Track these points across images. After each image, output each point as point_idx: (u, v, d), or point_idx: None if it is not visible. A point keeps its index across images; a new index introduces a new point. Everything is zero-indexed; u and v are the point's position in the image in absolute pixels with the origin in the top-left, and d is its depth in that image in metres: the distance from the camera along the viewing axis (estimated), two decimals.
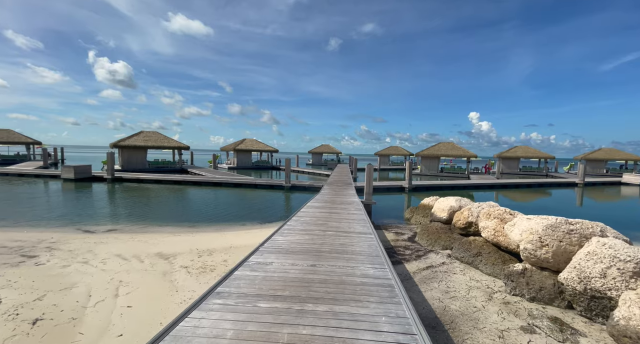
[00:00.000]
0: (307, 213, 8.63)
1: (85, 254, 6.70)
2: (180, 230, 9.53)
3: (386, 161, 48.85)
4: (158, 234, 8.87)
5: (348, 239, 5.88)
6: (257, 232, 9.16)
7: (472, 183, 23.33)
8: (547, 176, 37.17)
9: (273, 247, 5.09)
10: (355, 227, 6.98)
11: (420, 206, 11.26)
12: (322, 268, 4.14)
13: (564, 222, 4.88)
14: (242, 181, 20.78)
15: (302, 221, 7.49)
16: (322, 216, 8.27)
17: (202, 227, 9.98)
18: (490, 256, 6.06)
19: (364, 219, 8.19)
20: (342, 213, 8.86)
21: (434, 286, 5.39)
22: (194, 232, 9.19)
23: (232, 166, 38.54)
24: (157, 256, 6.70)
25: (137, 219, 10.84)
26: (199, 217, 11.44)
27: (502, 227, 6.32)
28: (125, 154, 29.47)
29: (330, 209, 9.55)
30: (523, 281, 4.95)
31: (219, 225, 10.34)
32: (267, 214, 12.26)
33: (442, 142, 37.32)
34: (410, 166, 19.91)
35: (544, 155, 40.07)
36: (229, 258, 6.64)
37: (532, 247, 4.94)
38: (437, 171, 35.25)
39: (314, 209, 9.32)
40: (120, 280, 5.31)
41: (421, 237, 8.37)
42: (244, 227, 10.13)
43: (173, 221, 10.74)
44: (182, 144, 32.85)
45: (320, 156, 51.47)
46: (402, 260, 6.76)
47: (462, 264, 6.49)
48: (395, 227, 10.23)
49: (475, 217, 7.69)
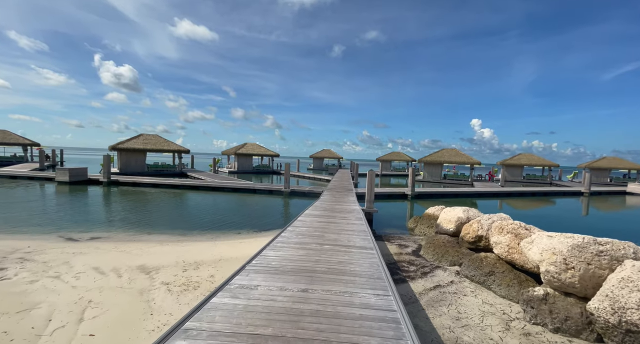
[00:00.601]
0: (303, 223, 8.05)
1: (59, 267, 6.14)
2: (170, 239, 8.96)
3: (388, 167, 48.28)
4: (145, 243, 8.30)
5: (347, 255, 5.29)
6: (251, 242, 8.57)
7: (476, 191, 22.70)
8: (551, 184, 36.48)
9: (262, 265, 4.51)
10: (356, 241, 6.39)
11: (425, 215, 10.66)
12: (315, 294, 3.56)
13: (592, 242, 4.29)
14: (241, 186, 20.25)
15: (298, 232, 6.91)
16: (320, 226, 7.69)
17: (194, 236, 9.41)
18: (505, 276, 5.45)
19: (364, 230, 7.60)
20: (341, 223, 8.28)
21: (443, 310, 4.79)
22: (185, 242, 8.62)
23: (232, 170, 38.07)
24: (138, 269, 6.13)
25: (127, 225, 10.29)
26: (192, 224, 10.87)
27: (516, 243, 5.73)
28: (124, 157, 29.06)
29: (329, 218, 8.97)
30: (545, 309, 4.34)
31: (213, 233, 9.76)
32: (264, 221, 11.69)
33: (446, 149, 36.74)
34: (414, 173, 19.34)
35: (548, 163, 39.39)
36: (217, 272, 6.06)
37: (556, 270, 4.35)
38: (440, 178, 34.60)
39: (311, 218, 8.74)
40: (90, 300, 4.73)
41: (427, 251, 7.76)
42: (238, 236, 9.55)
43: (164, 228, 10.19)
44: (182, 148, 32.44)
45: (322, 160, 50.97)
46: (407, 278, 6.15)
47: (473, 284, 5.87)
48: (398, 238, 9.63)
49: (485, 230, 7.10)
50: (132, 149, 29.05)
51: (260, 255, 5.01)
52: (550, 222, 13.90)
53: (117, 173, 26.67)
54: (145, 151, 30.00)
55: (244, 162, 39.02)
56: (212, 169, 34.65)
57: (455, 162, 34.43)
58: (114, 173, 26.29)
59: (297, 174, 35.95)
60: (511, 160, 40.27)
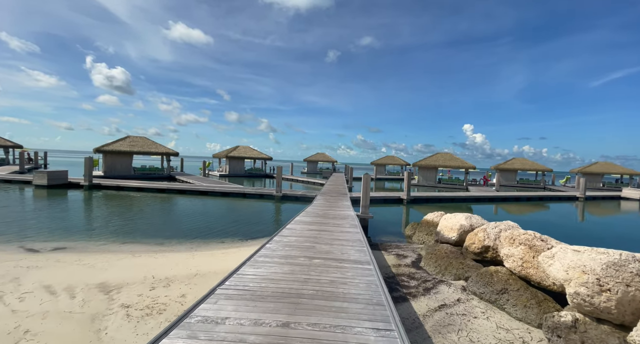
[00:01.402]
0: (293, 231, 7.28)
1: (5, 285, 5.24)
2: (145, 249, 8.09)
3: (382, 171, 47.80)
4: (115, 254, 7.41)
5: (340, 272, 4.54)
6: (234, 253, 7.75)
7: (472, 195, 22.19)
8: (544, 188, 36.40)
9: (236, 289, 3.73)
10: (350, 253, 5.65)
11: (424, 222, 9.97)
12: (298, 330, 2.80)
13: (632, 259, 3.63)
14: (230, 189, 19.37)
15: (285, 243, 6.14)
16: (311, 235, 6.93)
17: (172, 246, 8.54)
18: (521, 295, 4.76)
19: (360, 239, 6.87)
20: (334, 231, 7.53)
21: (453, 338, 4.06)
22: (160, 253, 7.75)
23: (224, 174, 37.04)
24: (98, 288, 5.27)
25: (99, 234, 9.37)
26: (172, 232, 9.99)
27: (531, 256, 5.06)
28: (109, 160, 27.89)
29: (321, 225, 8.22)
30: (576, 339, 3.65)
31: (194, 242, 8.91)
32: (252, 228, 10.86)
33: (440, 153, 36.41)
34: (409, 177, 18.75)
35: (542, 167, 39.37)
36: (190, 291, 5.23)
37: (587, 292, 3.67)
38: (434, 182, 34.19)
39: (302, 226, 7.98)
40: (27, 330, 3.88)
41: (428, 262, 7.05)
42: (221, 245, 8.71)
43: (141, 236, 9.29)
44: (170, 150, 31.39)
45: (316, 164, 50.27)
46: (408, 295, 5.42)
47: (483, 303, 5.17)
48: (396, 246, 8.91)
49: (492, 240, 6.43)
50: (118, 152, 27.89)
51: (237, 274, 4.22)
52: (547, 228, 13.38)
53: (100, 176, 25.51)
54: (131, 153, 28.87)
55: (235, 165, 38.05)
56: (202, 173, 33.64)
57: (450, 167, 34.07)
58: (98, 176, 25.12)
59: (291, 177, 35.13)
60: (505, 164, 40.17)
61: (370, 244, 8.88)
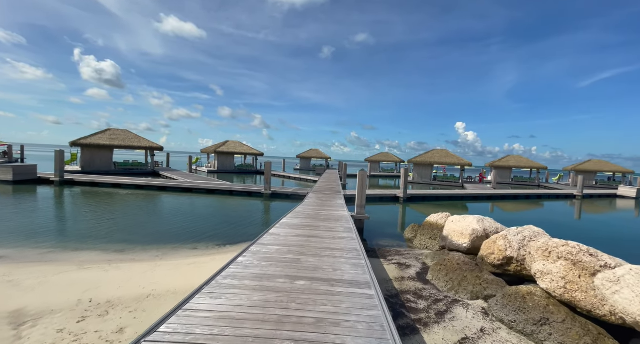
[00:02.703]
0: (276, 238, 6.04)
1: None
2: (99, 258, 6.75)
3: (376, 168, 46.81)
4: (56, 265, 6.06)
5: (331, 303, 3.33)
6: (205, 264, 6.47)
7: (470, 193, 21.29)
8: (539, 186, 35.94)
9: (181, 333, 2.49)
10: (345, 269, 4.45)
11: (426, 224, 8.84)
12: None
13: None
14: (216, 186, 17.98)
15: (263, 255, 4.90)
16: (298, 243, 5.71)
17: (135, 253, 7.21)
18: (568, 329, 3.63)
19: (356, 248, 5.67)
20: (325, 238, 6.32)
21: None
22: (116, 263, 6.42)
23: (212, 170, 35.47)
24: (8, 318, 3.94)
25: (50, 238, 7.97)
26: (141, 235, 8.65)
27: (577, 275, 3.94)
28: (87, 154, 26.10)
29: (311, 229, 7.00)
30: None
31: (162, 249, 7.59)
32: (233, 231, 9.57)
33: (436, 149, 35.52)
34: (406, 174, 17.66)
35: (537, 165, 38.90)
36: (132, 323, 3.96)
37: None
38: (430, 179, 33.34)
39: (288, 230, 6.74)
40: None
41: (436, 275, 5.91)
42: (192, 253, 7.41)
43: (100, 241, 7.93)
44: (154, 144, 29.68)
45: (309, 161, 48.94)
46: (417, 323, 4.26)
47: (515, 335, 4.03)
48: (396, 253, 7.76)
49: (515, 250, 5.31)
50: (97, 145, 26.11)
51: (185, 308, 2.96)
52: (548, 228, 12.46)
53: (77, 172, 23.76)
54: (112, 147, 27.10)
55: (224, 161, 36.49)
56: (189, 169, 32.01)
57: (446, 163, 33.22)
58: (74, 172, 23.39)
59: (283, 174, 33.78)
60: (500, 162, 39.60)
61: (366, 249, 7.71)
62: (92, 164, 26.11)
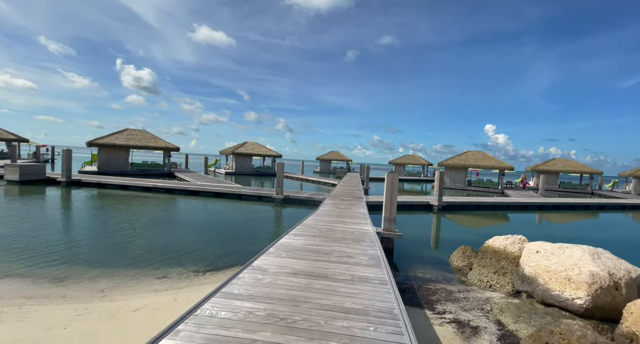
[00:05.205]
0: (257, 280, 3.93)
1: None
2: (20, 293, 4.98)
3: (401, 171, 43.74)
4: None
5: None
6: (166, 307, 4.47)
7: (516, 202, 18.07)
8: (592, 194, 31.18)
9: None
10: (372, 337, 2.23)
11: (487, 250, 6.29)
12: None
13: None
14: (224, 190, 16.31)
15: (249, 296, 2.80)
16: (290, 296, 3.58)
17: (79, 284, 5.21)
18: None
19: (390, 301, 3.43)
20: (338, 278, 4.11)
21: None
22: (38, 301, 4.60)
23: (230, 171, 34.33)
24: None
25: None
26: (106, 254, 6.88)
27: None
28: (104, 154, 25.68)
29: (319, 259, 4.83)
30: None
31: (120, 277, 5.59)
32: (226, 249, 7.59)
33: (471, 151, 32.02)
34: (441, 178, 14.95)
35: (589, 170, 34.02)
36: None
37: None
38: (463, 185, 29.88)
39: (283, 261, 4.62)
40: None
41: None
42: (158, 286, 5.38)
43: (49, 262, 6.24)
44: (170, 145, 28.92)
45: (329, 163, 46.83)
46: None
47: None
48: (445, 294, 5.32)
49: None
50: (113, 145, 25.63)
51: None
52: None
53: (94, 172, 23.26)
54: (128, 147, 26.58)
55: (242, 162, 35.21)
56: (204, 170, 30.99)
57: (483, 167, 29.65)
58: (91, 172, 22.90)
59: (301, 177, 31.90)
60: (544, 166, 35.19)
61: (398, 282, 5.34)
62: (109, 165, 25.64)
